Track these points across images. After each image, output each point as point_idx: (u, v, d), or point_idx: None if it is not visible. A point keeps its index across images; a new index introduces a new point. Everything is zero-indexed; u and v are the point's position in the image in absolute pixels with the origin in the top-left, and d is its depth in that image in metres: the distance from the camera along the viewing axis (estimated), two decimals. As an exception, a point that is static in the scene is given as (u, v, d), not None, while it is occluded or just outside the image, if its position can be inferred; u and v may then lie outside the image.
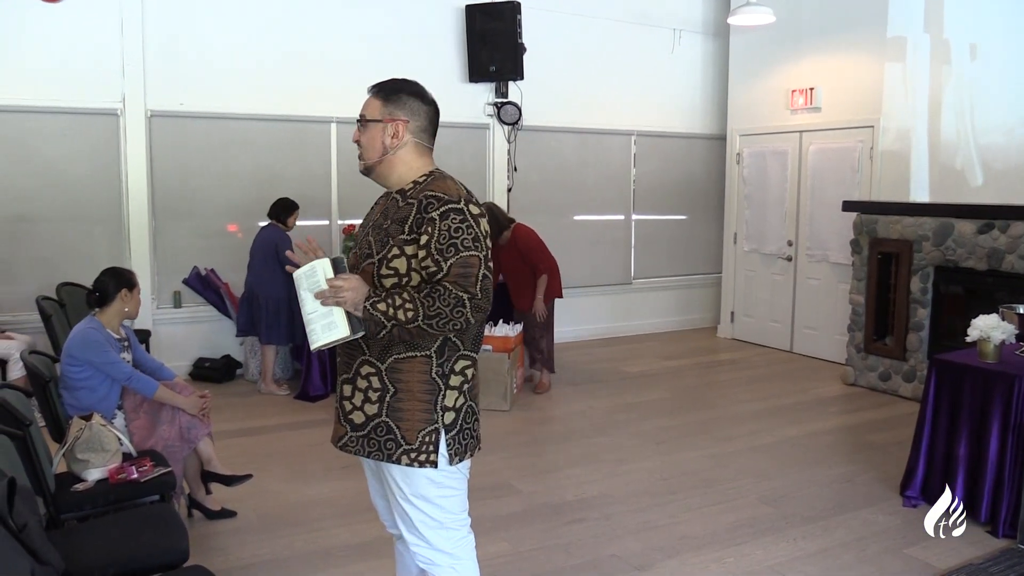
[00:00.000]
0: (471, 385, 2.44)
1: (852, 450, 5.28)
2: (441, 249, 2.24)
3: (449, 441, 2.37)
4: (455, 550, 2.48)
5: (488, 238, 2.33)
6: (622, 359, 7.84)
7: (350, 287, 2.25)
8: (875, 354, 6.69)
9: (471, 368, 2.42)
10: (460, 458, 2.40)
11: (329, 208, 7.38)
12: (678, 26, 8.86)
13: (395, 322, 2.22)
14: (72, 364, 3.70)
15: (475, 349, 2.43)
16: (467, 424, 2.43)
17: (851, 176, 7.37)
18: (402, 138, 2.41)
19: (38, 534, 2.18)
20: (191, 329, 6.95)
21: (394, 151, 2.41)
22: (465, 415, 2.42)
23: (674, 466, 4.91)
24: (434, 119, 2.48)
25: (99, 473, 3.38)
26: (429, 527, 2.43)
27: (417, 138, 2.43)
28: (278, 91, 7.02)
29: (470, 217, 2.28)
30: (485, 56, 7.64)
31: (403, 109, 2.41)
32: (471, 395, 2.45)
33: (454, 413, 2.38)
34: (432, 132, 2.47)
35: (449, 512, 2.45)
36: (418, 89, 2.46)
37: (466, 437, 2.43)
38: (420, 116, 2.43)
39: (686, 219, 9.31)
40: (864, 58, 7.23)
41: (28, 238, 6.32)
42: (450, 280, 2.24)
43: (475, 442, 2.48)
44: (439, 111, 2.49)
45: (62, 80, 6.29)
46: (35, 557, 2.08)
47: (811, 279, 7.88)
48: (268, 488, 4.48)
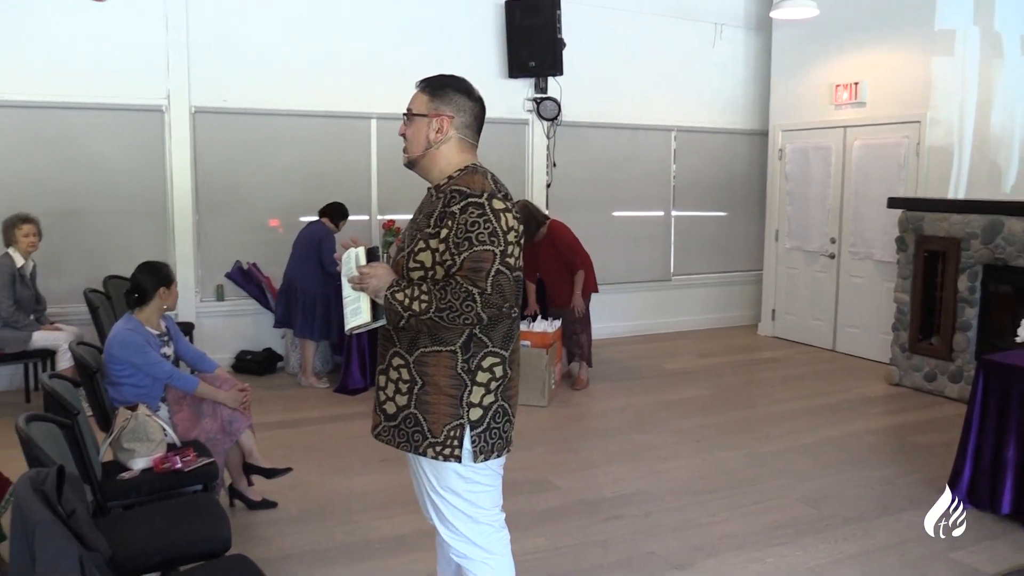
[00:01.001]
0: (502, 384, 2.41)
1: (896, 451, 5.19)
2: (457, 242, 2.26)
3: (474, 438, 2.37)
4: (488, 544, 2.48)
5: (512, 233, 2.30)
6: (661, 356, 7.79)
7: (375, 275, 2.33)
8: (920, 354, 6.56)
9: (501, 366, 2.39)
10: (485, 457, 2.39)
11: (369, 203, 7.43)
12: (719, 20, 8.75)
13: (411, 312, 2.26)
14: (114, 363, 3.76)
15: (505, 347, 2.40)
16: (496, 424, 2.40)
17: (896, 172, 7.23)
18: (446, 133, 2.42)
19: (86, 521, 2.22)
20: (233, 322, 7.05)
21: (437, 146, 2.43)
22: (495, 415, 2.40)
23: (713, 464, 4.87)
24: (480, 116, 2.48)
25: (144, 462, 3.44)
26: (460, 520, 2.45)
27: (461, 134, 2.44)
28: (319, 87, 7.08)
29: (490, 211, 2.27)
30: (524, 52, 7.63)
31: (449, 104, 2.43)
32: (503, 395, 2.42)
33: (481, 410, 2.37)
34: (477, 128, 2.48)
35: (479, 507, 2.46)
36: (465, 85, 2.48)
37: (493, 437, 2.40)
38: (465, 112, 2.44)
39: (726, 215, 9.21)
40: (911, 52, 7.08)
41: (76, 232, 6.46)
42: (462, 274, 2.25)
43: (504, 443, 2.45)
44: (485, 108, 2.50)
45: (109, 77, 6.41)
46: (83, 543, 2.12)
47: (854, 277, 7.75)
48: (308, 480, 4.53)
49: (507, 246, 2.27)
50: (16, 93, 6.15)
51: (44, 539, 2.00)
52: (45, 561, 1.99)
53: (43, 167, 6.32)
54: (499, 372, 2.39)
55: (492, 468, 2.46)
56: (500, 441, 2.43)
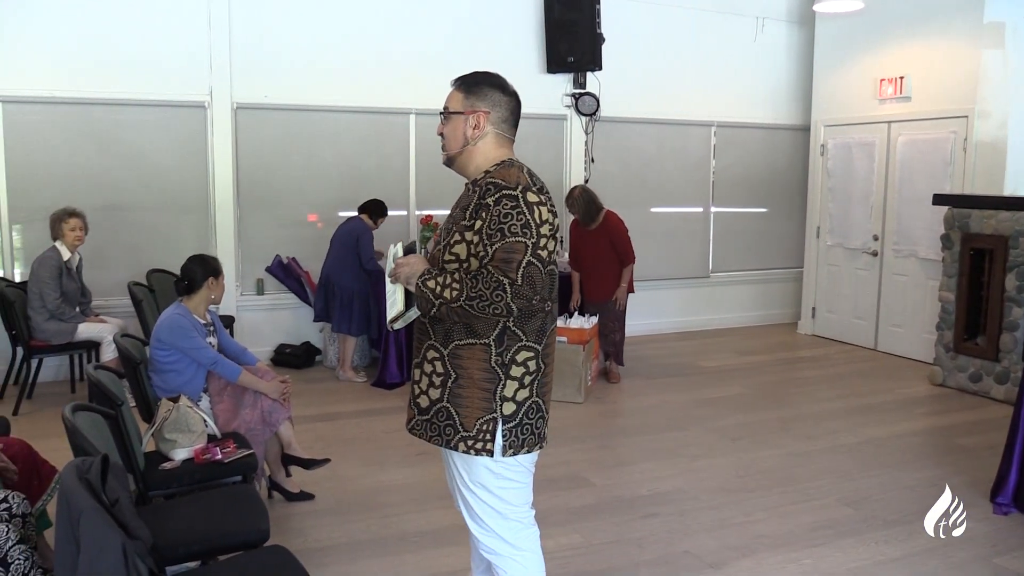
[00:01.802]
0: (536, 379, 2.41)
1: (939, 453, 5.09)
2: (490, 234, 2.27)
3: (505, 432, 2.37)
4: (517, 541, 2.49)
5: (546, 226, 2.30)
6: (699, 353, 7.73)
7: (407, 263, 2.39)
8: (965, 354, 6.43)
9: (535, 360, 2.39)
10: (515, 452, 2.39)
11: (407, 198, 7.47)
12: (761, 14, 8.64)
13: (442, 300, 2.28)
14: (160, 348, 3.84)
15: (539, 341, 2.40)
16: (528, 419, 2.41)
17: (943, 168, 7.09)
18: (483, 129, 2.45)
19: (129, 509, 2.26)
20: (273, 316, 7.14)
21: (474, 142, 2.46)
22: (528, 410, 2.40)
23: (751, 464, 4.82)
24: (515, 110, 2.50)
25: (185, 453, 3.50)
26: (489, 516, 2.46)
27: (498, 129, 2.47)
28: (358, 83, 7.13)
29: (523, 204, 2.28)
30: (563, 46, 7.60)
31: (484, 100, 2.45)
32: (538, 390, 2.42)
33: (514, 405, 2.38)
34: (513, 123, 2.50)
35: (509, 504, 2.47)
36: (499, 81, 2.50)
37: (525, 432, 2.40)
38: (501, 107, 2.46)
39: (766, 212, 9.10)
40: (958, 45, 6.93)
41: (120, 226, 6.58)
42: (494, 264, 2.26)
43: (536, 439, 2.45)
44: (520, 102, 2.52)
45: (152, 74, 6.52)
46: (126, 531, 2.16)
47: (898, 275, 7.61)
48: (345, 473, 4.57)
49: (539, 239, 2.28)
50: (62, 89, 6.28)
51: (89, 526, 2.04)
52: (89, 548, 2.03)
53: (89, 162, 6.45)
54: (533, 366, 2.39)
55: (524, 465, 2.47)
56: (532, 437, 2.42)
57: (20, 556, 2.61)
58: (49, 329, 5.60)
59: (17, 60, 6.17)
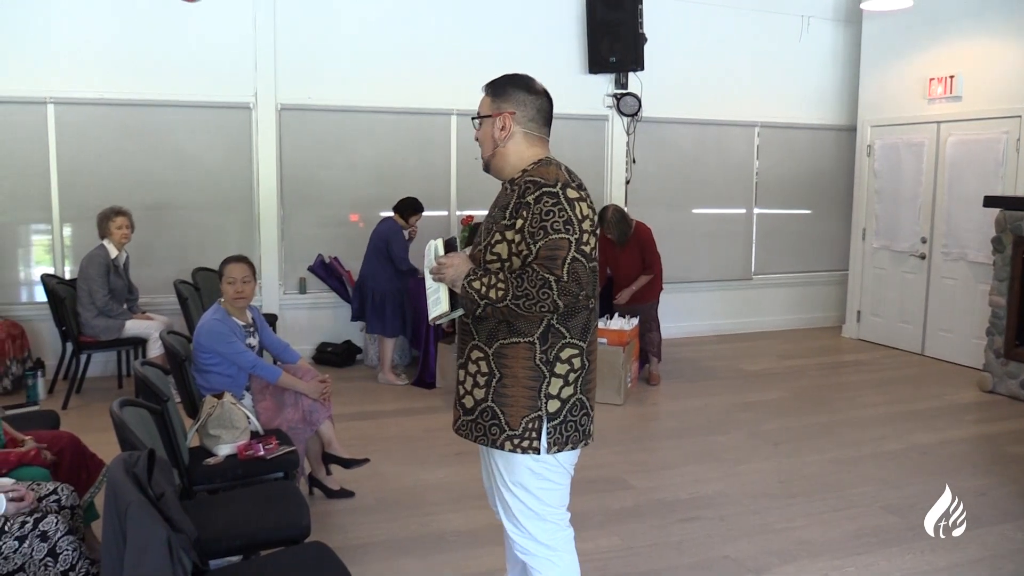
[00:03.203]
0: (580, 376, 2.41)
1: (988, 461, 4.97)
2: (532, 232, 2.27)
3: (550, 430, 2.38)
4: (552, 542, 2.49)
5: (587, 222, 2.32)
6: (741, 356, 7.64)
7: (452, 264, 2.36)
8: (1017, 360, 6.26)
9: (579, 358, 2.40)
10: (559, 448, 2.40)
11: (448, 199, 7.49)
12: (807, 12, 8.51)
13: (487, 300, 2.27)
14: (201, 351, 3.89)
15: (583, 338, 2.40)
16: (572, 416, 2.41)
17: (994, 169, 6.92)
18: (510, 129, 2.45)
19: (174, 503, 2.30)
20: (315, 315, 7.21)
21: (504, 143, 2.46)
22: (572, 407, 2.40)
23: (793, 469, 4.75)
24: (544, 108, 2.49)
25: (229, 449, 3.55)
26: (526, 516, 2.46)
27: (525, 128, 2.46)
28: (400, 84, 7.17)
29: (564, 201, 2.28)
30: (605, 47, 7.57)
31: (509, 101, 2.46)
32: (582, 388, 2.43)
33: (559, 402, 2.38)
34: (542, 121, 2.49)
35: (547, 504, 2.47)
36: (524, 81, 2.50)
37: (569, 429, 2.40)
38: (527, 106, 2.46)
39: (811, 213, 8.97)
40: (1011, 43, 6.76)
41: (166, 225, 6.70)
42: (538, 262, 2.26)
43: (581, 436, 2.45)
44: (551, 99, 2.52)
45: (199, 76, 6.63)
46: (171, 524, 2.19)
47: (946, 278, 7.45)
48: (385, 471, 4.60)
49: (582, 234, 2.28)
50: (111, 91, 6.42)
51: (135, 519, 2.08)
52: (135, 540, 2.07)
53: (136, 162, 6.57)
54: (577, 364, 2.39)
55: (564, 466, 2.46)
56: (576, 434, 2.42)
57: (68, 547, 2.66)
58: (98, 325, 5.72)
59: (68, 63, 6.31)
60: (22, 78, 6.22)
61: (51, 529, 2.65)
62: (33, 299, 6.42)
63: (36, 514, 2.69)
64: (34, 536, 2.63)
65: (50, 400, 5.71)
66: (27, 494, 2.76)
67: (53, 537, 2.65)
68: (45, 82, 6.27)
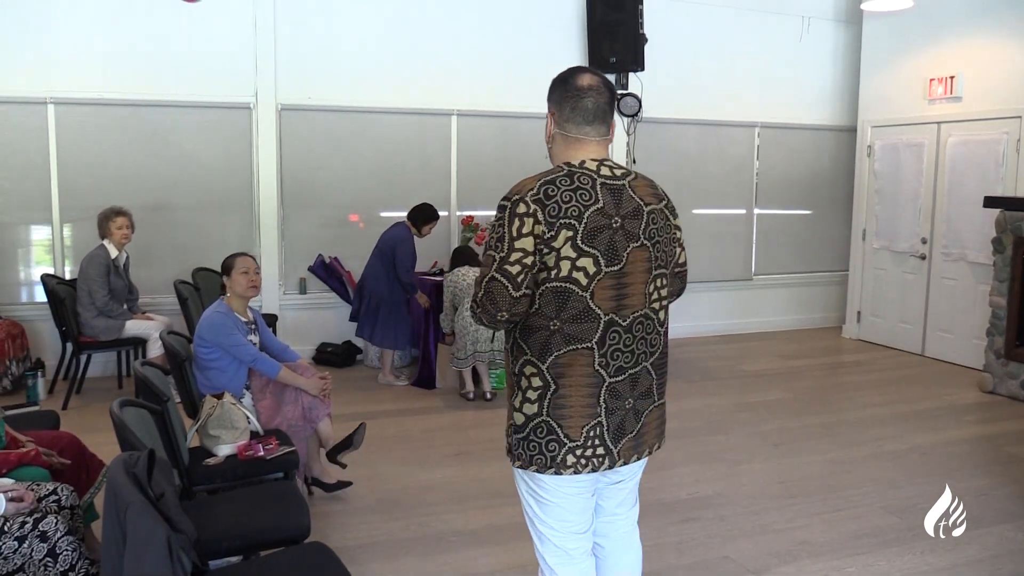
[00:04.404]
0: (544, 397, 2.20)
1: (989, 462, 4.97)
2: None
3: (515, 443, 2.27)
4: (551, 562, 2.35)
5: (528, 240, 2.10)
6: (741, 357, 7.64)
7: None
8: (1017, 360, 6.26)
9: (538, 377, 2.20)
10: (523, 466, 2.26)
11: (449, 199, 7.49)
12: (807, 13, 8.52)
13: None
14: (202, 346, 3.90)
15: (542, 359, 2.18)
16: (537, 438, 2.21)
17: (994, 170, 6.92)
18: (549, 131, 2.34)
19: (173, 503, 2.30)
20: (315, 315, 7.21)
21: (550, 146, 2.35)
22: (537, 427, 2.21)
23: (793, 469, 4.75)
24: (581, 107, 2.25)
25: (229, 449, 3.55)
26: (528, 525, 2.40)
27: (563, 129, 2.28)
28: (400, 84, 7.17)
29: (507, 215, 2.13)
30: (605, 47, 7.56)
31: (551, 100, 2.32)
32: (549, 411, 2.20)
33: (524, 417, 2.23)
34: (580, 121, 2.26)
35: (539, 518, 2.33)
36: (565, 75, 2.32)
37: (533, 450, 2.22)
38: (562, 105, 2.28)
39: (811, 214, 8.97)
40: (1012, 43, 6.76)
41: (166, 225, 6.70)
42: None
43: (547, 462, 2.21)
44: (602, 92, 2.28)
45: (199, 76, 6.63)
46: (171, 524, 2.19)
47: (947, 279, 7.45)
48: (384, 471, 4.60)
49: (511, 253, 2.11)
50: (112, 91, 6.42)
51: (135, 519, 2.08)
52: (135, 540, 2.07)
53: (136, 162, 6.57)
54: (537, 383, 2.20)
55: (536, 487, 2.29)
56: (541, 457, 2.21)
57: (68, 547, 2.66)
58: (98, 326, 5.72)
59: (68, 63, 6.32)
60: (22, 78, 6.22)
61: (51, 529, 2.65)
62: (33, 299, 6.42)
63: (36, 514, 2.69)
64: (34, 536, 2.63)
65: (50, 400, 5.71)
66: (27, 494, 2.76)
67: (53, 537, 2.65)
68: (45, 82, 6.27)
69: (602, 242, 2.15)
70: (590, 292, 2.15)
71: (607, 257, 2.16)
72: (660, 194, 2.36)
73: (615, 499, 2.49)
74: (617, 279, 2.18)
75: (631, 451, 2.30)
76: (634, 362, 2.25)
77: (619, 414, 2.24)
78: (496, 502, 4.17)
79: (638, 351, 2.25)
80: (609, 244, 2.16)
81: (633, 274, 2.21)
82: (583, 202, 2.15)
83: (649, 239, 2.25)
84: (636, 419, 2.29)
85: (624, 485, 2.49)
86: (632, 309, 2.21)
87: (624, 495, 2.51)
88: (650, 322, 2.27)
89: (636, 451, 2.32)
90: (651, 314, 2.27)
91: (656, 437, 2.41)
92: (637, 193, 2.26)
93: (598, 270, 2.15)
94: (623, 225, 2.19)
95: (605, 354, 2.19)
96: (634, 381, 2.26)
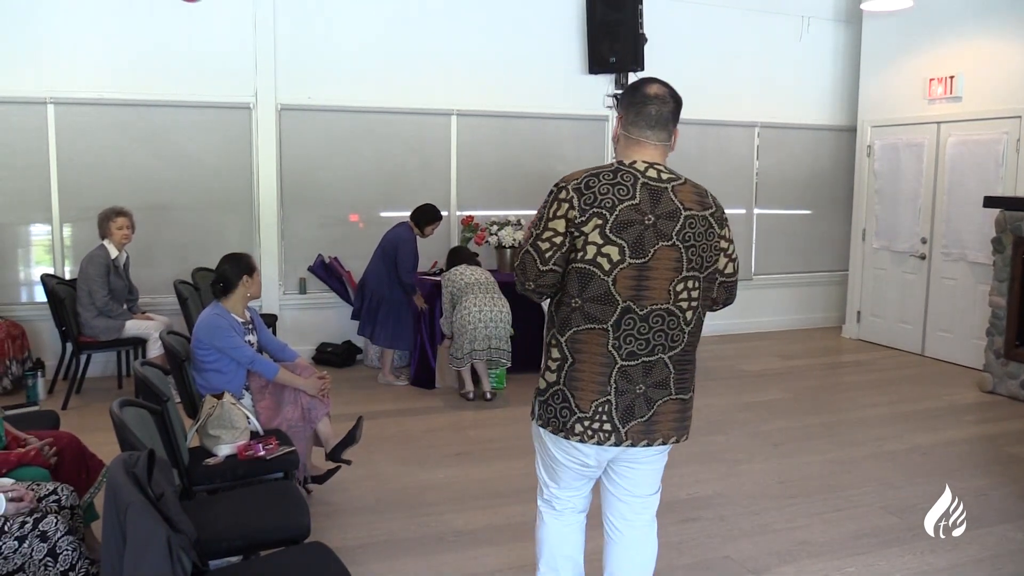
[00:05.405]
0: (561, 367, 2.43)
1: (989, 462, 4.97)
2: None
3: (538, 403, 2.52)
4: (540, 507, 2.74)
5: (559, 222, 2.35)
6: (740, 357, 7.64)
7: None
8: (1017, 360, 6.26)
9: (558, 348, 2.44)
10: (542, 424, 2.50)
11: (448, 199, 7.49)
12: (807, 13, 8.52)
13: None
14: (200, 348, 3.89)
15: (562, 332, 2.42)
16: (554, 403, 2.45)
17: (994, 170, 6.92)
18: (616, 134, 2.55)
19: (173, 503, 2.30)
20: (315, 315, 7.21)
21: (615, 147, 2.56)
22: (554, 394, 2.45)
23: (793, 469, 4.75)
24: (644, 112, 2.45)
25: (229, 449, 3.55)
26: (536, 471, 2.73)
27: (627, 132, 2.49)
28: (400, 84, 7.17)
29: (550, 197, 2.41)
30: (605, 47, 7.56)
31: (620, 104, 2.54)
32: (565, 380, 2.42)
33: (545, 383, 2.49)
34: (642, 124, 2.45)
35: (542, 469, 2.67)
36: (635, 84, 2.52)
37: (550, 412, 2.47)
38: (628, 110, 2.49)
39: (811, 214, 8.97)
40: (1011, 43, 6.76)
41: (166, 225, 6.70)
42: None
43: (559, 424, 2.44)
44: (658, 100, 2.45)
45: (199, 76, 6.63)
46: (170, 524, 2.19)
47: (946, 279, 7.45)
48: (385, 471, 4.60)
49: (544, 231, 2.38)
50: (111, 91, 6.42)
51: (135, 519, 2.08)
52: (135, 540, 2.07)
53: (136, 162, 6.57)
54: (555, 354, 2.45)
55: (551, 446, 2.55)
56: (556, 420, 2.46)
57: (68, 547, 2.66)
58: (97, 326, 5.72)
59: (68, 63, 6.31)
60: (22, 78, 6.22)
61: (51, 529, 2.65)
62: (33, 299, 6.42)
63: (36, 514, 2.69)
64: (34, 536, 2.63)
65: (50, 400, 5.71)
66: (26, 494, 2.76)
67: (53, 537, 2.65)
68: (45, 82, 6.27)
69: (631, 235, 2.32)
70: (612, 278, 2.33)
71: (633, 249, 2.33)
72: (708, 203, 2.49)
73: (627, 480, 2.62)
74: (640, 271, 2.34)
75: (641, 435, 2.44)
76: (649, 351, 2.39)
77: (629, 396, 2.40)
78: (496, 502, 4.17)
79: (655, 341, 2.39)
80: (638, 238, 2.33)
81: (658, 270, 2.36)
82: (619, 196, 2.34)
83: (683, 241, 2.38)
84: (648, 406, 2.43)
85: (637, 468, 2.59)
86: (651, 301, 2.36)
87: (637, 478, 2.62)
88: (673, 318, 2.41)
89: (647, 436, 2.45)
90: (675, 311, 2.41)
91: (674, 430, 2.53)
92: (679, 197, 2.41)
93: (622, 259, 2.33)
94: (655, 223, 2.35)
95: (619, 337, 2.37)
96: (648, 369, 2.40)
